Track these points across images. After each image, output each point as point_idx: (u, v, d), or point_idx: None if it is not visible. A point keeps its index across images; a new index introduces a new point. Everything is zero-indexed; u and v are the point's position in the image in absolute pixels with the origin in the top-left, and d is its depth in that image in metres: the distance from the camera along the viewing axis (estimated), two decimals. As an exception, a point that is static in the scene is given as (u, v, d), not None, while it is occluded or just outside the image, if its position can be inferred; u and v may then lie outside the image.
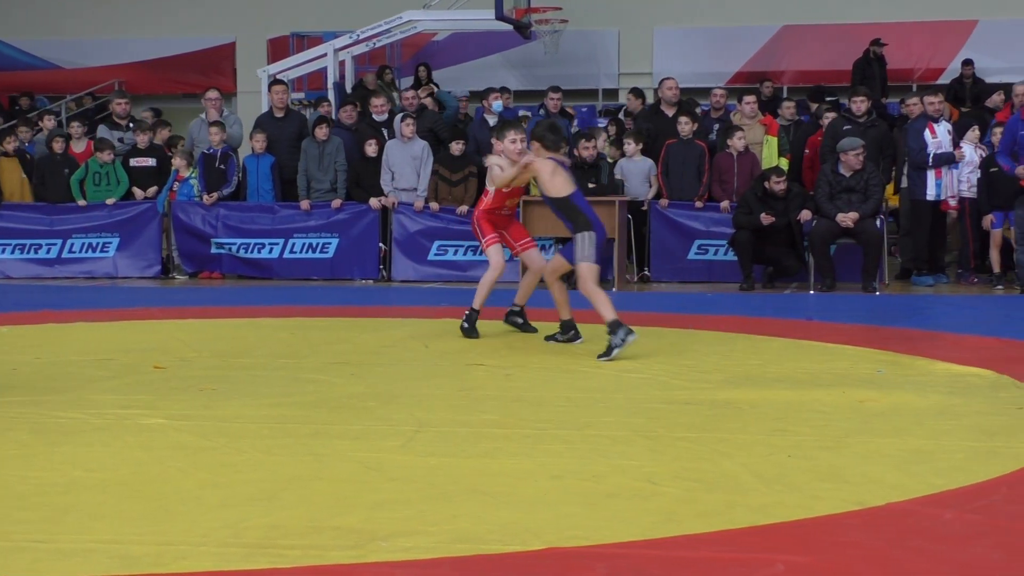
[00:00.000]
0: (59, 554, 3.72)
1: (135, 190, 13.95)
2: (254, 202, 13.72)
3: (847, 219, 11.87)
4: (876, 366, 7.28)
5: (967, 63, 17.58)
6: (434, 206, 13.24)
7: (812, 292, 11.94)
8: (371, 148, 13.47)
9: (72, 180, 13.88)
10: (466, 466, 4.82)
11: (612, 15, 19.66)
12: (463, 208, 13.07)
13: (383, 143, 13.59)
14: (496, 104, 14.39)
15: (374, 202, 13.29)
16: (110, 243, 13.87)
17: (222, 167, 13.76)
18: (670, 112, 13.57)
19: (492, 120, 13.95)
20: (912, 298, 11.64)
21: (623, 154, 13.28)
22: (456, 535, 3.87)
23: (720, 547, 3.74)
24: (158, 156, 14.17)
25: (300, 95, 17.33)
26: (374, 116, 14.32)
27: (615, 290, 12.22)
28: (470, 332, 8.59)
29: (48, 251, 13.97)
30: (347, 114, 14.22)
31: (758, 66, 19.09)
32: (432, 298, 11.11)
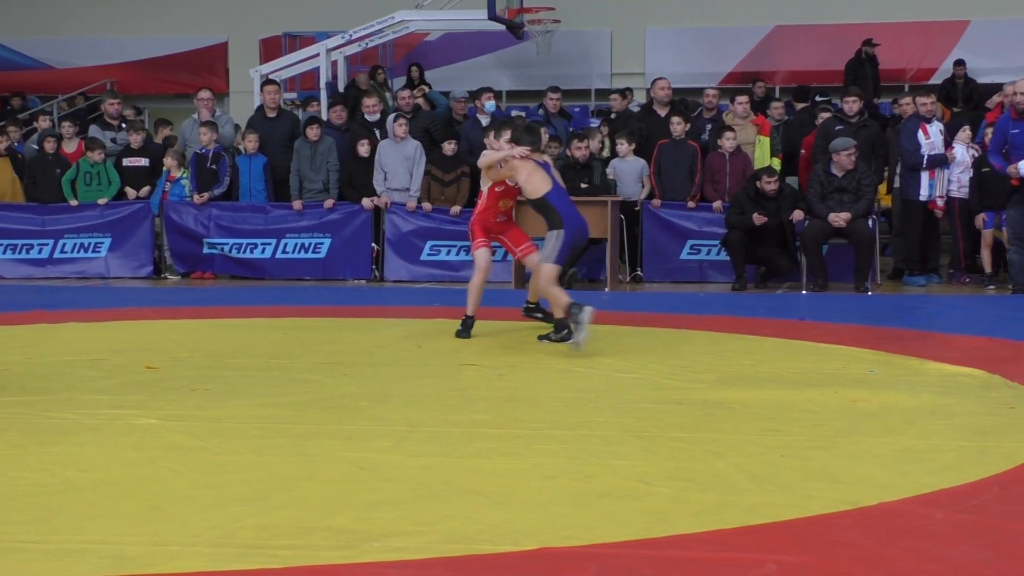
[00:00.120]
0: (51, 554, 3.72)
1: (128, 190, 13.93)
2: (246, 202, 13.71)
3: (839, 219, 11.88)
4: (868, 366, 7.29)
5: (959, 63, 17.60)
6: (427, 206, 13.24)
7: (804, 292, 11.95)
8: (363, 148, 13.47)
9: (63, 180, 13.85)
10: (458, 466, 4.82)
11: (604, 15, 19.66)
12: (456, 208, 13.07)
13: (375, 143, 13.58)
14: (489, 104, 14.39)
15: (366, 202, 13.28)
16: (102, 243, 13.85)
17: (213, 167, 13.75)
18: (662, 112, 13.58)
19: (485, 120, 13.95)
20: (904, 298, 11.65)
21: (615, 154, 13.29)
22: (448, 535, 3.87)
23: (712, 547, 3.75)
24: (151, 156, 14.15)
25: (292, 95, 17.32)
26: (366, 116, 14.31)
27: (608, 290, 12.24)
28: (463, 335, 8.61)
29: (40, 251, 13.95)
30: (336, 114, 14.20)
31: (750, 66, 19.09)
32: (425, 298, 11.11)
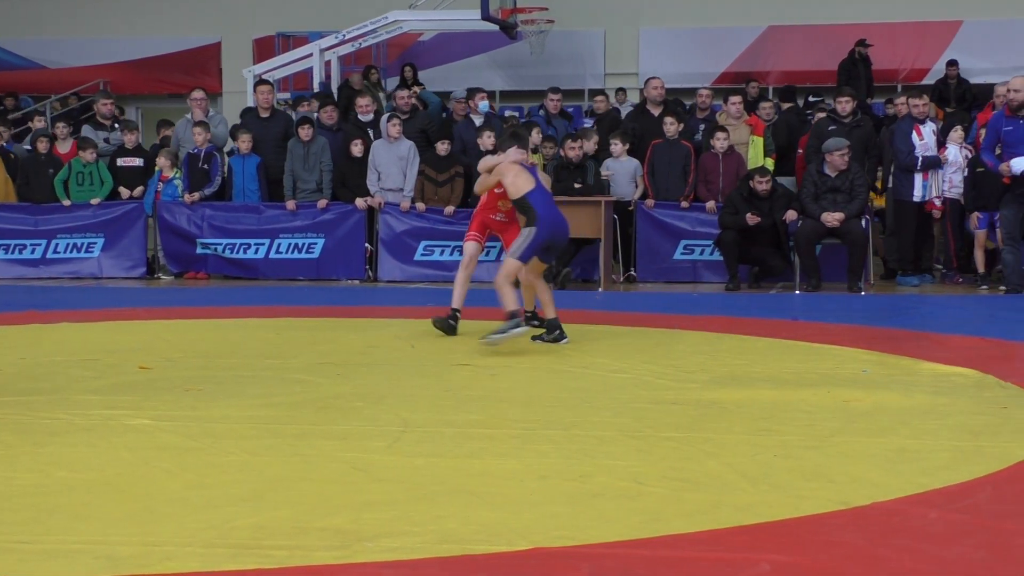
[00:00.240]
0: (44, 555, 3.71)
1: (121, 190, 13.92)
2: (240, 202, 13.70)
3: (832, 219, 11.90)
4: (861, 366, 7.30)
5: (952, 63, 17.64)
6: (420, 206, 13.24)
7: (798, 292, 11.97)
8: (357, 148, 13.46)
9: (56, 181, 13.84)
10: (452, 466, 4.82)
11: (598, 15, 19.68)
12: (449, 208, 13.07)
13: (369, 143, 13.58)
14: (482, 105, 14.39)
15: (360, 202, 13.28)
16: (95, 243, 13.84)
17: (205, 167, 13.74)
18: (656, 112, 13.58)
19: (478, 120, 13.96)
20: (897, 298, 11.67)
21: (608, 154, 13.30)
22: (442, 535, 3.87)
23: (706, 547, 3.75)
24: (145, 156, 14.14)
25: (286, 95, 17.32)
26: (360, 116, 14.30)
27: (601, 290, 12.24)
28: (446, 326, 8.66)
29: (33, 251, 13.94)
30: (327, 115, 14.19)
31: (744, 66, 19.12)
32: (418, 298, 11.10)
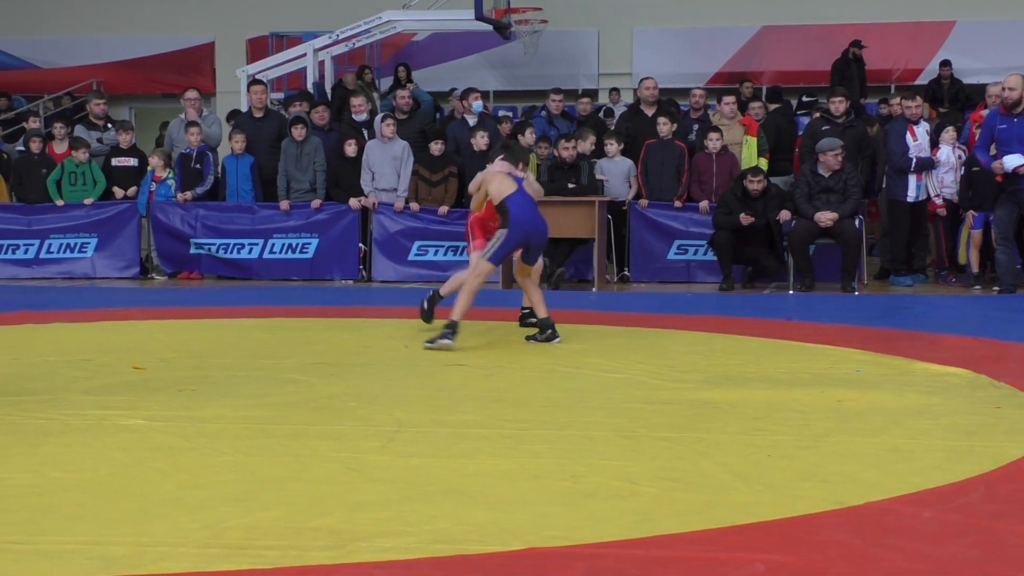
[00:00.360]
0: (38, 555, 3.71)
1: (116, 189, 13.91)
2: (233, 202, 13.69)
3: (826, 219, 11.91)
4: (855, 366, 7.31)
5: (945, 64, 17.65)
6: (414, 206, 13.24)
7: (791, 292, 11.97)
8: (351, 148, 13.46)
9: (49, 181, 13.82)
10: (446, 466, 4.82)
11: (592, 15, 19.68)
12: (444, 208, 13.07)
13: (363, 143, 13.57)
14: (476, 104, 14.39)
15: (353, 202, 13.28)
16: (88, 243, 13.83)
17: (198, 166, 13.74)
18: (649, 112, 13.59)
19: (472, 120, 13.96)
20: (891, 298, 11.68)
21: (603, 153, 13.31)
22: (436, 535, 3.87)
23: (699, 546, 3.75)
24: (140, 156, 14.13)
25: (280, 95, 17.31)
26: (354, 116, 14.30)
27: (595, 290, 12.24)
28: (426, 316, 8.82)
29: (26, 251, 13.91)
30: (318, 115, 14.17)
31: (737, 66, 19.12)
32: (412, 298, 11.04)
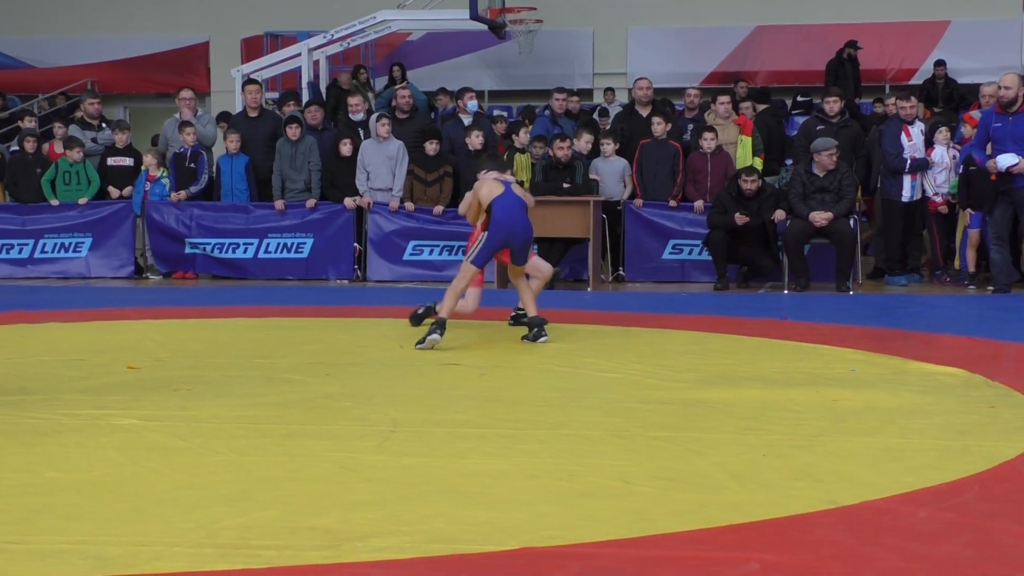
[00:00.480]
0: (33, 555, 3.70)
1: (111, 189, 13.90)
2: (228, 202, 13.68)
3: (821, 219, 11.92)
4: (850, 365, 7.31)
5: (939, 64, 17.67)
6: (409, 206, 13.23)
7: (786, 292, 11.98)
8: (346, 148, 13.45)
9: (43, 180, 13.80)
10: (441, 466, 4.82)
11: (586, 15, 19.69)
12: (439, 208, 13.07)
13: (358, 143, 13.56)
14: (471, 104, 14.39)
15: (348, 202, 13.27)
16: (83, 243, 13.81)
17: (192, 165, 13.73)
18: (644, 112, 13.60)
19: (467, 120, 13.95)
20: (885, 297, 11.69)
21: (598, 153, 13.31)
22: (431, 535, 3.87)
23: (694, 546, 3.75)
24: (136, 156, 14.12)
25: (274, 95, 17.29)
26: (351, 116, 14.30)
27: (590, 290, 12.25)
28: (415, 320, 8.85)
29: (20, 251, 13.89)
30: (310, 114, 14.15)
31: (732, 66, 19.14)
32: (407, 298, 11.08)
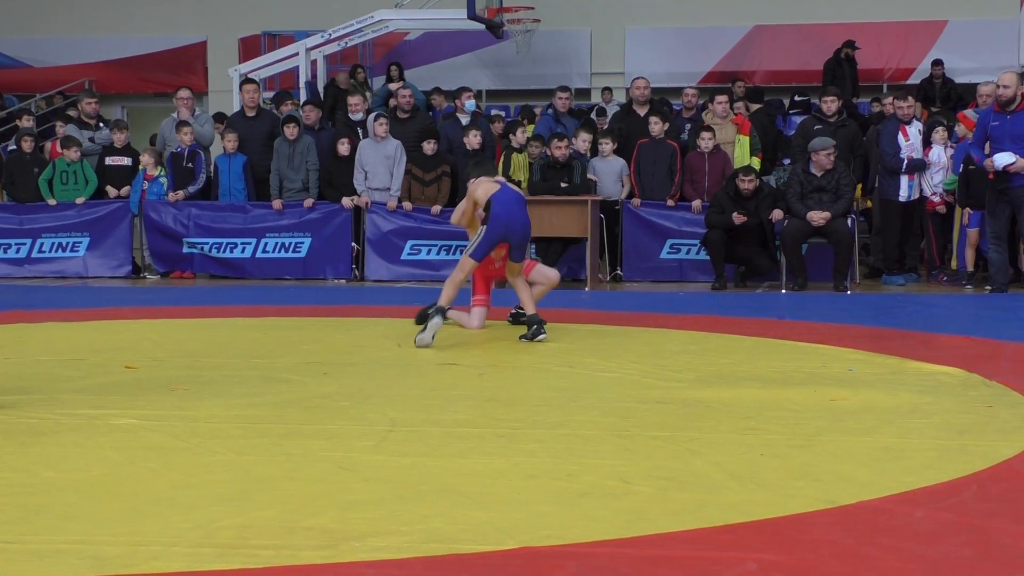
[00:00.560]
0: (30, 555, 3.70)
1: (109, 189, 13.89)
2: (226, 201, 13.68)
3: (818, 218, 11.92)
4: (847, 365, 7.31)
5: (937, 63, 17.68)
6: (407, 206, 13.24)
7: (784, 291, 11.99)
8: (343, 147, 13.45)
9: (40, 180, 13.80)
10: (439, 466, 4.82)
11: (584, 15, 19.70)
12: (436, 208, 13.07)
13: (357, 142, 13.56)
14: (469, 104, 14.39)
15: (346, 201, 13.27)
16: (80, 243, 13.81)
17: (190, 165, 13.72)
18: (641, 112, 13.60)
19: (464, 119, 13.95)
20: (883, 297, 11.70)
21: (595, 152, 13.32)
22: (429, 535, 3.87)
23: (692, 545, 3.75)
24: (134, 155, 14.11)
25: (272, 94, 17.29)
26: (350, 115, 14.31)
27: (588, 289, 12.25)
28: (421, 319, 8.75)
29: (18, 251, 13.89)
30: (306, 115, 14.14)
31: (730, 66, 19.15)
32: (405, 298, 11.09)
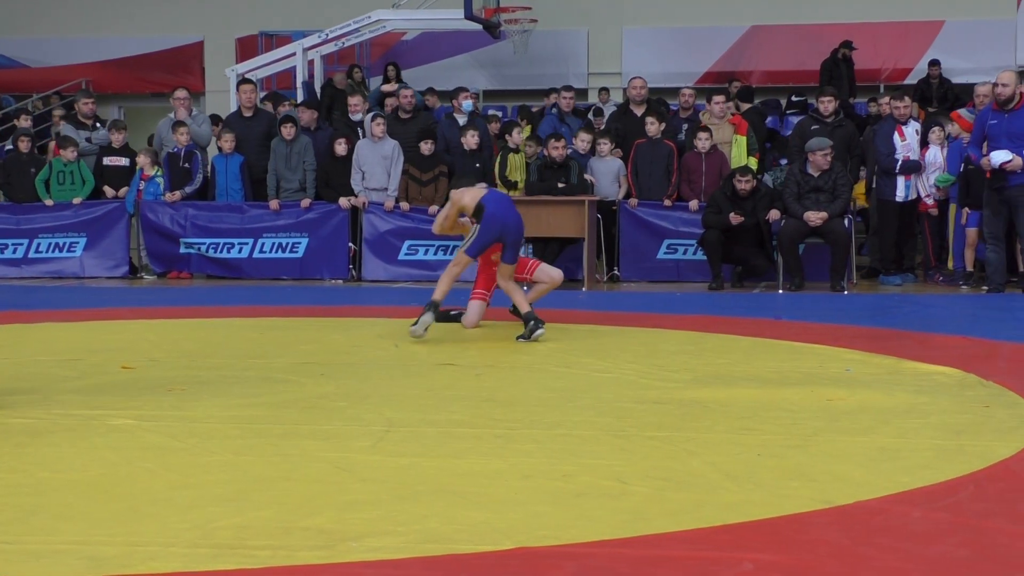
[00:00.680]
0: (27, 555, 3.70)
1: (106, 189, 13.89)
2: (223, 202, 13.67)
3: (815, 218, 11.93)
4: (844, 365, 7.31)
5: (934, 63, 17.69)
6: (404, 206, 13.24)
7: (781, 291, 11.99)
8: (340, 147, 13.45)
9: (37, 180, 13.80)
10: (436, 466, 4.82)
11: (581, 15, 19.69)
12: (434, 208, 13.06)
13: (354, 143, 13.57)
14: (466, 104, 14.39)
15: (343, 202, 13.27)
16: (77, 243, 13.80)
17: (186, 165, 13.72)
18: (638, 112, 13.60)
19: (462, 120, 13.96)
20: (880, 297, 11.70)
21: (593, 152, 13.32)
22: (426, 535, 3.87)
23: (689, 546, 3.75)
24: (132, 156, 14.11)
25: (265, 95, 17.28)
26: (350, 115, 14.32)
27: (585, 289, 12.25)
28: (444, 317, 8.86)
29: (15, 251, 13.89)
30: (300, 116, 14.13)
31: (727, 66, 19.15)
32: (402, 298, 11.09)
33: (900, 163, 12.39)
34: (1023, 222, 11.31)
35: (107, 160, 14.02)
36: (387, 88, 16.63)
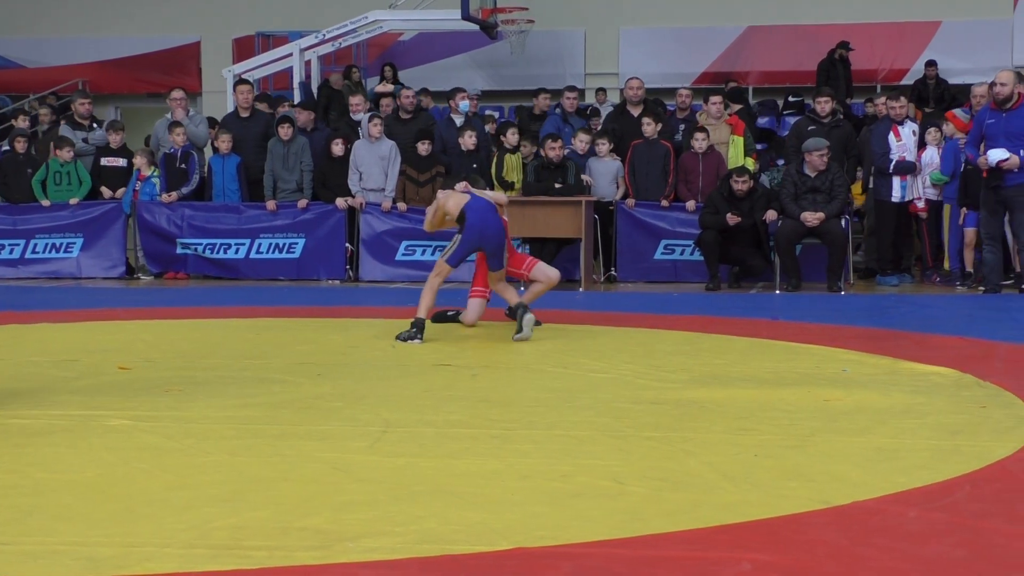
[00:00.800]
0: (24, 556, 3.69)
1: (104, 190, 13.88)
2: (220, 202, 13.67)
3: (812, 219, 11.93)
4: (841, 365, 7.32)
5: (931, 64, 17.69)
6: (402, 206, 13.24)
7: (778, 292, 12.00)
8: (338, 148, 13.45)
9: (33, 181, 13.80)
10: (433, 466, 4.82)
11: (578, 15, 19.69)
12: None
13: (352, 143, 13.57)
14: (463, 104, 14.39)
15: (340, 202, 13.27)
16: (74, 243, 13.80)
17: (183, 166, 13.72)
18: (635, 112, 13.61)
19: (459, 120, 13.96)
20: (877, 298, 11.71)
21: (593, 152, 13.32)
22: (423, 535, 3.87)
23: (686, 546, 3.75)
24: (130, 156, 14.10)
25: (258, 95, 17.27)
26: (352, 115, 14.33)
27: (582, 290, 12.25)
28: (439, 319, 8.96)
29: (11, 251, 13.88)
30: (297, 116, 14.13)
31: (724, 66, 19.15)
32: (399, 298, 11.08)
33: (894, 163, 12.40)
34: (1019, 222, 11.32)
35: (104, 161, 14.01)
36: (381, 89, 16.62)
